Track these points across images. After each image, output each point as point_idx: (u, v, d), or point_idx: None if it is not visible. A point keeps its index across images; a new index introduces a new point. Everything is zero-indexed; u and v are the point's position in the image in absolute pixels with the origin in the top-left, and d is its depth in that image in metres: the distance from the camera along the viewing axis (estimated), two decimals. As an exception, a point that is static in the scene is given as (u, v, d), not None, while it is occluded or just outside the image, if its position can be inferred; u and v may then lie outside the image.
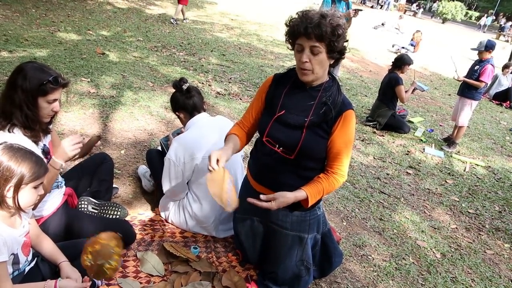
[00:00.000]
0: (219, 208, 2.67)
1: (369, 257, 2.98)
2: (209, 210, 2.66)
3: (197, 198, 2.64)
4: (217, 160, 1.87)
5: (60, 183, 2.46)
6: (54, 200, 2.34)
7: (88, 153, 2.57)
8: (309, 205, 1.94)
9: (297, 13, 1.90)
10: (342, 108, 1.95)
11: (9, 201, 1.67)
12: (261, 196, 1.83)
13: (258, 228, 2.32)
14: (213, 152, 1.88)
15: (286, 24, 1.93)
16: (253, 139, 2.43)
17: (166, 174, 2.59)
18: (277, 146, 2.04)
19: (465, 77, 5.37)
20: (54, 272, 1.97)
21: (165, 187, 2.63)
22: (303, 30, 1.81)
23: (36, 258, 2.00)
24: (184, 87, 2.67)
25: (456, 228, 3.72)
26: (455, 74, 5.46)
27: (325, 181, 1.98)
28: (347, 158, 2.01)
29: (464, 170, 5.08)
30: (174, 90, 2.74)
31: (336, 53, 1.90)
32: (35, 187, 1.71)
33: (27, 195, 1.69)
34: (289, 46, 1.98)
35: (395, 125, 5.82)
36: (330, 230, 2.47)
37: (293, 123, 2.00)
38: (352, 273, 2.75)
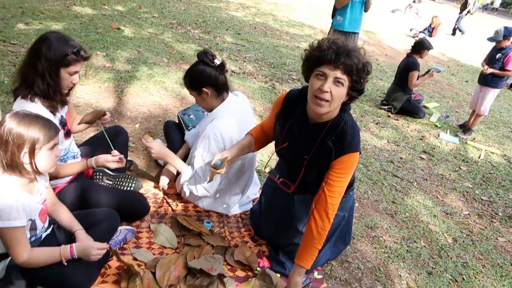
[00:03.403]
0: (235, 189, 2.68)
1: (381, 238, 2.98)
2: (223, 190, 2.68)
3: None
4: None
5: (76, 153, 2.48)
6: (70, 171, 2.37)
7: (93, 123, 2.58)
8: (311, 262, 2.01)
9: (323, 39, 1.79)
10: (345, 150, 1.88)
11: (28, 167, 1.69)
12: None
13: (284, 197, 2.31)
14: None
15: (308, 48, 1.81)
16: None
17: (206, 171, 2.46)
18: (277, 177, 2.05)
19: (489, 66, 5.19)
20: (70, 239, 2.01)
21: (201, 188, 2.52)
22: (333, 57, 1.69)
23: (52, 226, 2.04)
24: (217, 61, 2.37)
25: (469, 214, 3.69)
26: (484, 66, 5.25)
27: (317, 239, 1.98)
28: (339, 195, 1.97)
29: (479, 157, 5.02)
30: (190, 66, 2.50)
31: (356, 91, 1.81)
32: (51, 149, 1.72)
33: (44, 158, 1.71)
34: (304, 73, 1.87)
35: (410, 109, 5.75)
36: (353, 209, 2.49)
37: (292, 160, 1.98)
38: (363, 254, 2.76)
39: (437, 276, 2.73)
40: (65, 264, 1.80)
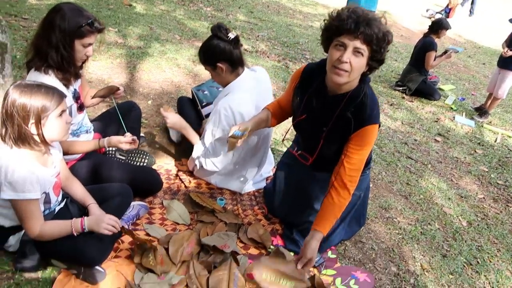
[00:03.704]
0: (248, 167, 2.65)
1: (395, 220, 2.94)
2: (242, 172, 2.65)
3: (231, 161, 2.60)
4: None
5: (89, 128, 2.46)
6: (83, 145, 2.35)
7: (106, 97, 2.55)
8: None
9: (342, 9, 1.73)
10: (365, 121, 1.84)
11: (37, 138, 1.65)
12: (298, 266, 1.86)
13: (301, 175, 2.29)
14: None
15: (328, 18, 1.76)
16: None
17: (215, 147, 2.43)
18: (295, 149, 2.00)
19: (509, 48, 5.03)
20: (83, 213, 2.00)
21: (210, 162, 2.50)
22: (353, 26, 1.63)
23: (65, 199, 2.03)
24: (231, 35, 2.29)
25: (484, 198, 3.64)
26: (504, 48, 5.09)
27: (338, 204, 1.93)
28: (359, 168, 1.93)
29: (495, 141, 4.92)
30: (204, 40, 2.41)
31: (376, 62, 1.77)
32: (59, 116, 1.68)
33: (53, 126, 1.68)
34: (323, 44, 1.83)
35: (426, 91, 5.64)
36: (369, 189, 2.45)
37: (310, 132, 1.93)
38: (377, 234, 2.72)
39: (451, 259, 2.69)
40: (75, 235, 1.79)
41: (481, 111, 5.48)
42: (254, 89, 2.41)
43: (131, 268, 1.99)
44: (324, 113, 1.94)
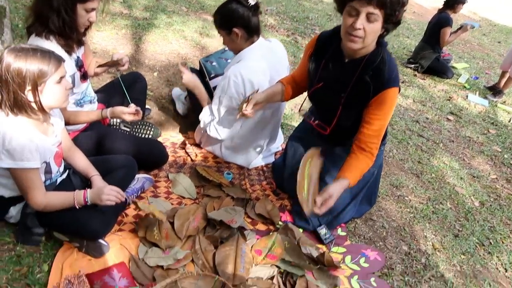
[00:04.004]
0: (257, 142, 2.56)
1: (406, 198, 2.86)
2: (251, 145, 2.57)
3: (241, 133, 2.51)
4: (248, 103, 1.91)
5: (92, 98, 2.37)
6: (86, 115, 2.27)
7: (110, 66, 2.45)
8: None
9: None
10: (384, 85, 1.77)
11: (34, 105, 1.57)
12: (317, 202, 1.72)
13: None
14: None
15: None
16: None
17: (223, 114, 2.35)
18: (312, 119, 1.91)
19: None
20: (86, 185, 1.93)
21: (213, 128, 2.43)
22: None
23: (68, 171, 1.96)
24: (252, 1, 2.18)
25: (496, 178, 3.55)
26: None
27: (364, 162, 1.86)
28: (379, 134, 1.86)
29: (509, 121, 4.79)
30: (223, 3, 2.27)
31: (392, 24, 1.69)
32: (58, 82, 1.59)
33: (51, 93, 1.59)
34: (337, 7, 1.75)
35: (438, 69, 5.49)
36: (382, 167, 2.37)
37: (328, 101, 1.85)
38: (388, 213, 2.65)
39: (463, 239, 2.62)
40: (78, 207, 1.72)
41: (495, 90, 5.33)
42: (267, 59, 2.31)
43: (135, 242, 1.93)
44: (342, 79, 1.87)
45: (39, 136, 1.65)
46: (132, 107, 2.17)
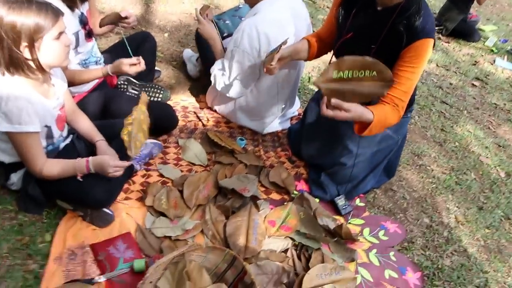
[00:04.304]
0: (274, 105, 2.42)
1: (428, 167, 2.72)
2: (267, 108, 2.42)
3: (256, 95, 2.36)
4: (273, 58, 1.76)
5: (99, 59, 2.24)
6: (92, 78, 2.14)
7: (114, 24, 2.27)
8: (364, 133, 1.67)
9: None
10: (417, 35, 1.61)
11: (32, 63, 1.44)
12: (333, 101, 1.51)
13: None
14: None
15: None
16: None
17: (238, 70, 2.19)
18: None
19: None
20: (91, 151, 1.83)
21: (236, 88, 2.26)
22: None
23: (72, 136, 1.85)
24: None
25: (523, 148, 3.36)
26: None
27: (390, 112, 1.69)
28: (409, 91, 1.71)
29: (539, 88, 4.54)
30: None
31: None
32: (57, 38, 1.46)
33: (49, 50, 1.45)
34: None
35: (464, 31, 5.17)
36: (405, 138, 2.23)
37: (358, 51, 1.67)
38: (409, 183, 2.51)
39: (488, 212, 2.49)
40: (81, 179, 1.62)
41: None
42: (286, 13, 2.13)
43: (142, 211, 1.84)
44: (373, 29, 1.73)
45: (39, 98, 1.53)
46: (133, 58, 2.01)
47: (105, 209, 1.74)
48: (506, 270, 2.14)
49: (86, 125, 1.85)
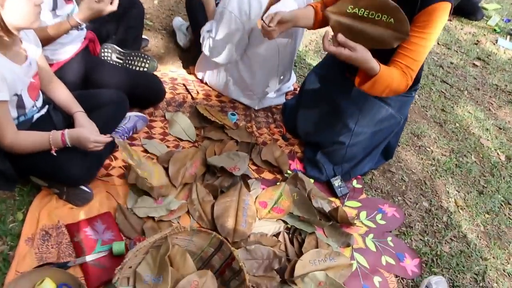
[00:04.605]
0: (268, 77, 2.27)
1: (428, 149, 2.60)
2: (261, 81, 2.26)
3: (242, 62, 2.21)
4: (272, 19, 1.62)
5: (80, 25, 2.05)
6: (73, 44, 1.96)
7: None
8: (364, 85, 1.52)
9: None
10: None
11: None
12: (339, 36, 1.37)
13: (339, 87, 1.93)
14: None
15: None
16: None
17: (223, 33, 2.06)
18: None
19: None
20: (69, 123, 1.66)
21: (216, 50, 2.14)
22: None
23: (47, 106, 1.68)
24: None
25: (524, 131, 3.26)
26: None
27: (397, 75, 1.52)
28: (420, 59, 1.56)
29: (541, 70, 4.42)
30: None
31: None
32: None
33: (15, 8, 1.28)
34: None
35: (467, 9, 5.00)
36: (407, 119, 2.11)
37: None
38: (408, 164, 2.40)
39: (488, 196, 2.39)
40: (55, 154, 1.47)
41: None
42: None
43: (123, 189, 1.71)
44: None
45: (7, 63, 1.37)
46: None
47: (82, 187, 1.60)
48: (506, 257, 2.06)
49: (63, 95, 1.69)
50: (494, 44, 4.67)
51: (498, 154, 2.84)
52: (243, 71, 2.21)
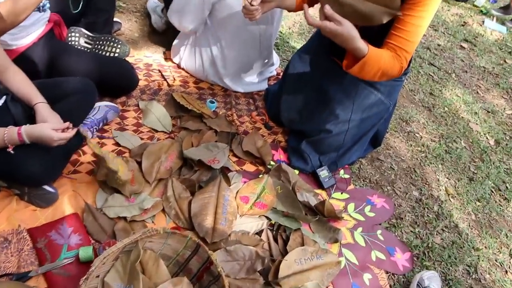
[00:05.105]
0: (246, 59, 2.13)
1: (417, 134, 2.51)
2: (233, 58, 2.11)
3: (219, 42, 2.07)
4: None
5: (43, 5, 1.87)
6: (35, 27, 1.79)
7: None
8: (353, 69, 1.40)
9: None
10: None
11: None
12: (326, 8, 1.24)
13: (325, 71, 1.80)
14: None
15: None
16: None
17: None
18: None
19: None
20: (30, 115, 1.50)
21: (173, 14, 2.04)
22: None
23: (5, 97, 1.51)
24: None
25: (512, 114, 3.19)
26: None
27: (388, 58, 1.40)
28: (415, 40, 1.43)
29: (528, 51, 4.35)
30: None
31: None
32: None
33: None
34: None
35: (453, -11, 4.90)
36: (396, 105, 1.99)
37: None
38: (397, 151, 2.30)
39: (478, 182, 2.31)
40: (12, 152, 1.32)
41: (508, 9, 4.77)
42: None
43: (92, 187, 1.57)
44: None
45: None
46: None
47: (46, 186, 1.45)
48: (497, 246, 1.99)
49: (22, 85, 1.52)
50: (481, 25, 4.59)
51: (487, 138, 2.77)
52: (213, 47, 2.10)
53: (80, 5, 1.68)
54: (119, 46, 2.08)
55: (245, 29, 2.03)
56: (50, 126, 1.35)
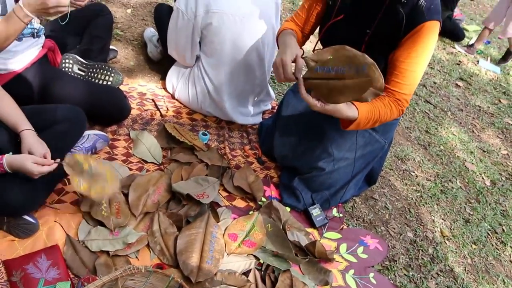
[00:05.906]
0: (241, 88, 2.12)
1: (412, 173, 2.47)
2: (227, 88, 2.10)
3: (212, 72, 2.06)
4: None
5: (37, 30, 1.85)
6: (28, 52, 1.77)
7: None
8: (349, 128, 1.43)
9: None
10: (421, 17, 1.36)
11: None
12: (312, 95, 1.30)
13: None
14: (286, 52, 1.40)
15: None
16: None
17: (172, 28, 2.02)
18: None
19: None
20: (16, 142, 1.46)
21: (170, 45, 2.09)
22: None
23: (-9, 122, 1.47)
24: None
25: (507, 154, 3.17)
26: None
27: (383, 107, 1.43)
28: (413, 83, 1.45)
29: (523, 91, 4.38)
30: None
31: None
32: None
33: None
34: None
35: (449, 29, 4.96)
36: (392, 142, 1.98)
37: (349, 37, 1.40)
38: (392, 190, 2.26)
39: (474, 224, 2.26)
40: None
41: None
42: None
43: (76, 218, 1.51)
44: (368, 10, 1.45)
45: None
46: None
47: (26, 216, 1.40)
48: (494, 293, 1.92)
49: (8, 110, 1.48)
50: (475, 65, 4.65)
51: (483, 178, 2.74)
52: (205, 76, 2.10)
53: (68, 17, 1.63)
54: (112, 74, 2.06)
55: (237, 58, 2.02)
56: (31, 159, 1.30)
